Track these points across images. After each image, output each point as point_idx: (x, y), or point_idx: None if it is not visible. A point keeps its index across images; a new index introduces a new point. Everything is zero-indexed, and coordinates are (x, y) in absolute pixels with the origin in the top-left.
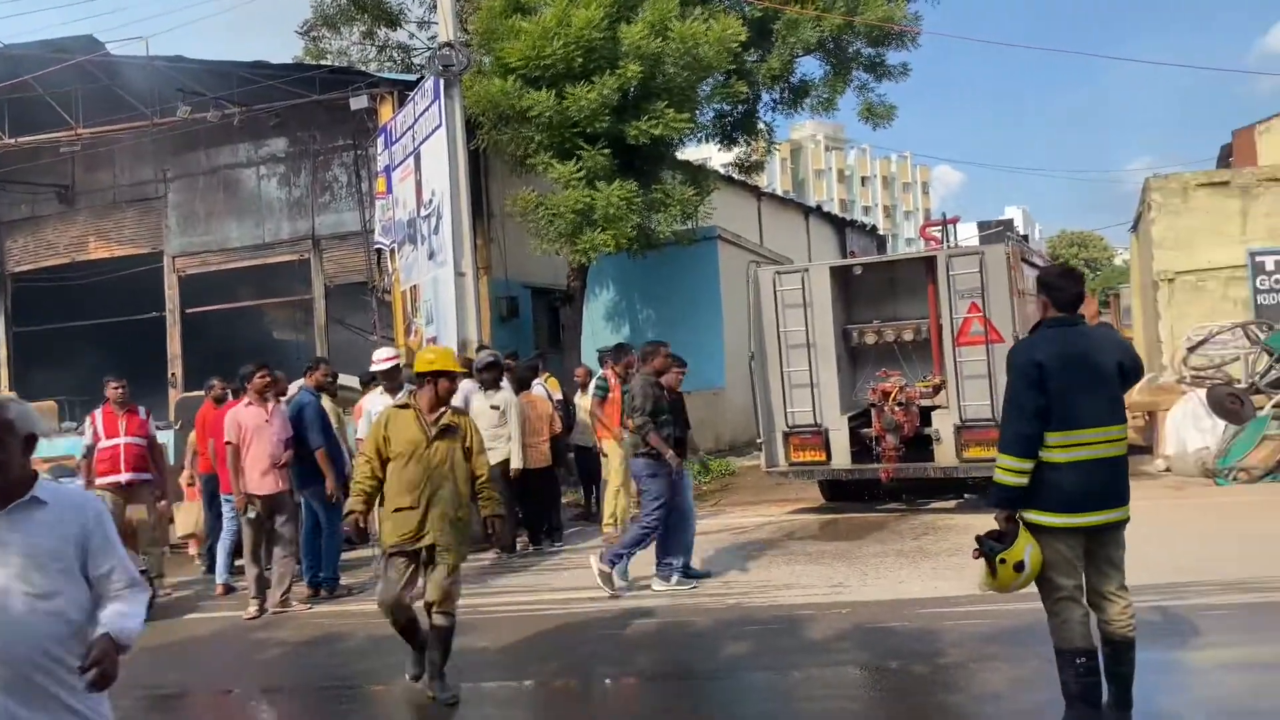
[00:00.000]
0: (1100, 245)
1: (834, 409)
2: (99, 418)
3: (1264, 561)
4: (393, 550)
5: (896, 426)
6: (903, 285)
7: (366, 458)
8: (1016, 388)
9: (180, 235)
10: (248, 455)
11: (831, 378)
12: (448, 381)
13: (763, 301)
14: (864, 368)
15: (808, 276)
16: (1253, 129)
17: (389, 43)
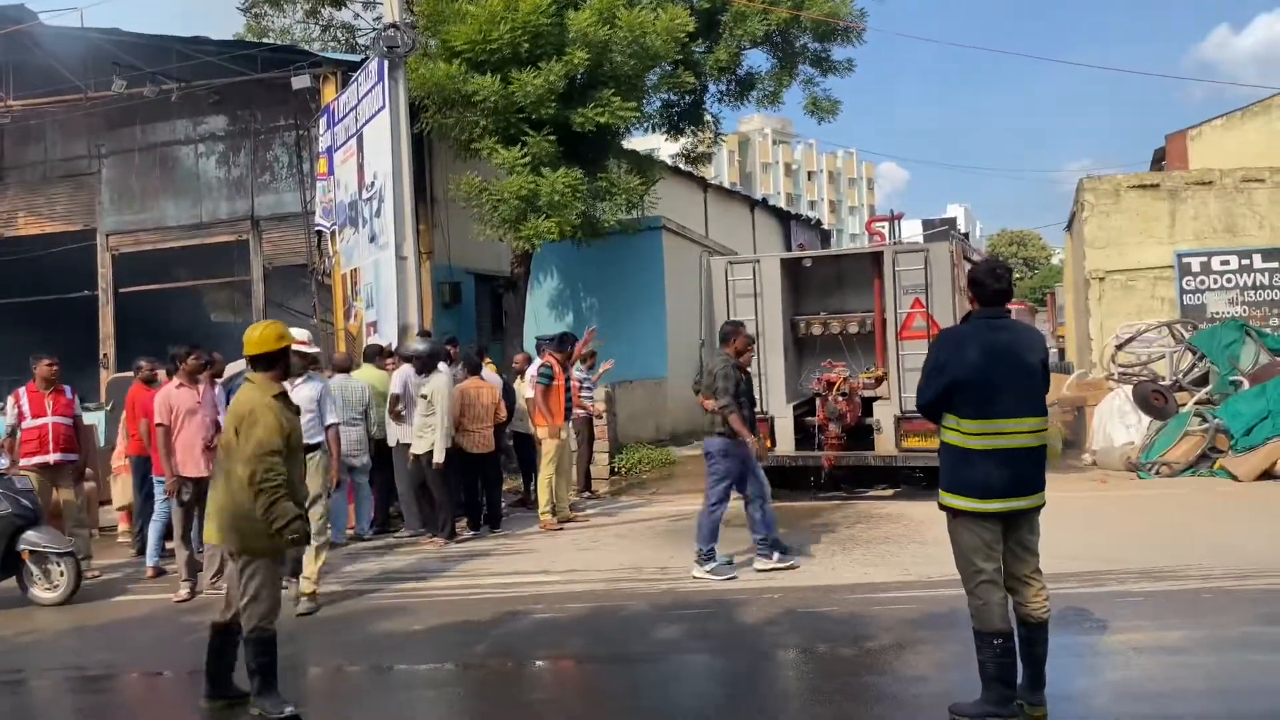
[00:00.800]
0: (1039, 244)
1: (780, 397)
2: (24, 396)
3: (1179, 551)
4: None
5: (839, 416)
6: (850, 279)
7: (280, 454)
8: (929, 368)
9: (114, 213)
10: (179, 437)
11: (778, 367)
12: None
13: (714, 290)
14: (810, 358)
15: (759, 268)
16: (1185, 134)
17: (333, 22)
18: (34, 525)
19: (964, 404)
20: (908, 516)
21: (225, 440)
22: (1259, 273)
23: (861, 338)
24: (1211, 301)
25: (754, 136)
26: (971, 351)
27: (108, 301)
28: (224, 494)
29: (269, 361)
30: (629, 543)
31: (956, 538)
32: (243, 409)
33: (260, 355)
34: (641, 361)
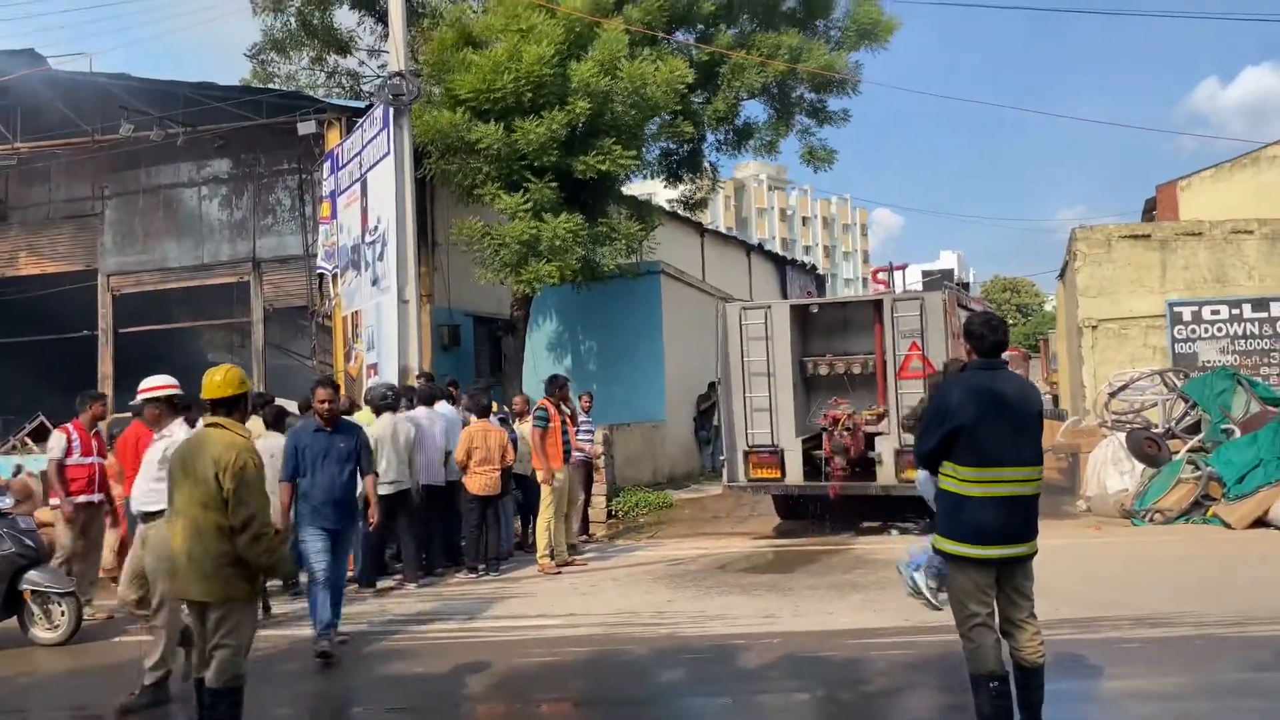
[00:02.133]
0: (1032, 291)
1: (790, 431)
2: (74, 433)
3: (1172, 598)
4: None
5: (844, 449)
6: (853, 324)
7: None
8: (930, 417)
9: (116, 254)
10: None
11: (788, 403)
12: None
13: (729, 334)
14: (817, 395)
15: (770, 313)
16: (1175, 184)
17: (338, 69)
18: (36, 565)
19: (962, 452)
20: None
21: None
22: (1249, 322)
23: (864, 377)
24: (1202, 350)
25: (749, 182)
26: (970, 401)
27: (107, 342)
28: (192, 542)
29: (232, 405)
30: (627, 587)
31: (952, 581)
32: (226, 456)
33: (225, 399)
34: (639, 404)
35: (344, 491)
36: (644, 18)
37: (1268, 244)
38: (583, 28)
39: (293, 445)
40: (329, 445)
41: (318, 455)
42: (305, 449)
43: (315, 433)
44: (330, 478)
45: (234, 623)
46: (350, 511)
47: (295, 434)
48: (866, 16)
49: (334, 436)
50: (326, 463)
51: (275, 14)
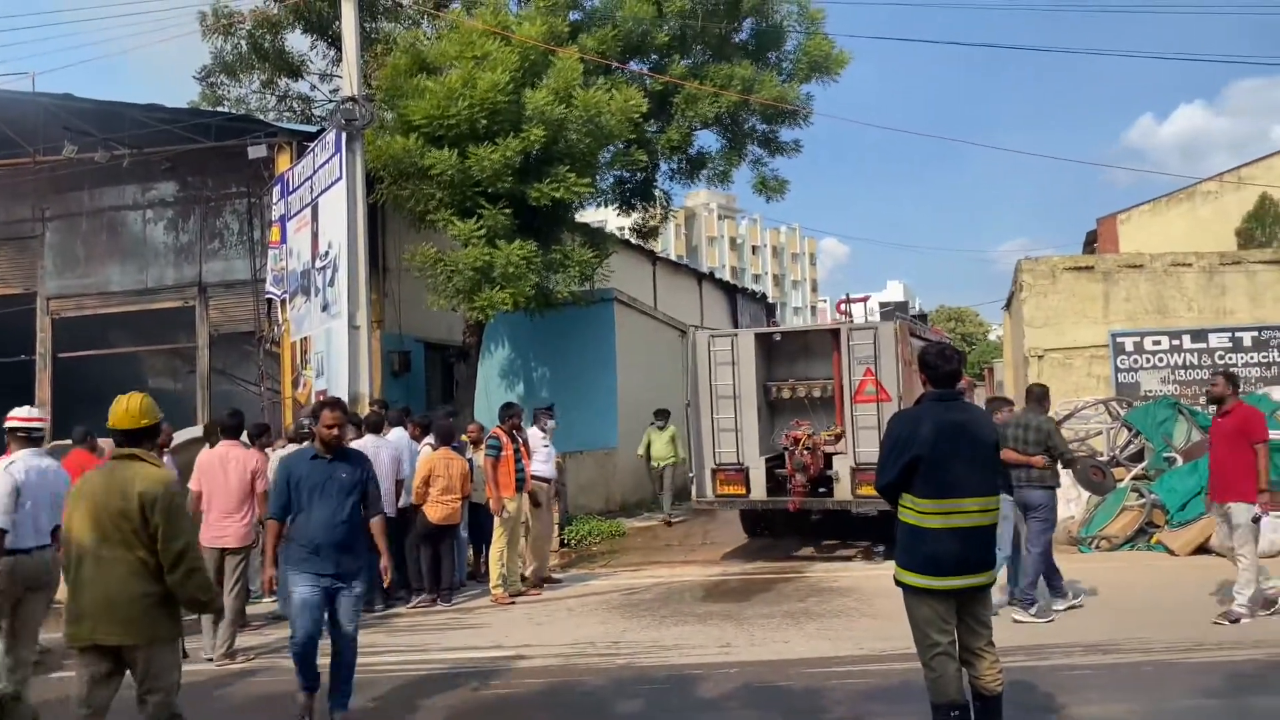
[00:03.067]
0: (976, 320)
1: (754, 450)
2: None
3: (1120, 624)
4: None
5: (804, 467)
6: (814, 351)
7: None
8: (888, 450)
9: (57, 277)
10: None
11: (753, 424)
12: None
13: (698, 360)
14: (780, 417)
15: (736, 340)
16: (1115, 218)
17: (289, 93)
18: None
19: (920, 483)
20: (860, 589)
21: (117, 523)
22: (1188, 353)
23: (823, 400)
24: (1145, 380)
25: (700, 211)
26: (926, 431)
27: (45, 366)
28: (114, 583)
29: (145, 436)
30: (582, 617)
31: (912, 612)
32: (153, 490)
33: (138, 430)
34: (592, 432)
35: (347, 532)
36: (599, 47)
37: (1205, 277)
38: (537, 56)
39: (284, 475)
40: (329, 476)
41: (315, 487)
42: (300, 480)
43: (313, 460)
44: (330, 514)
45: (161, 665)
46: (355, 557)
47: (289, 463)
48: (817, 50)
49: (335, 466)
50: (325, 496)
51: (225, 37)
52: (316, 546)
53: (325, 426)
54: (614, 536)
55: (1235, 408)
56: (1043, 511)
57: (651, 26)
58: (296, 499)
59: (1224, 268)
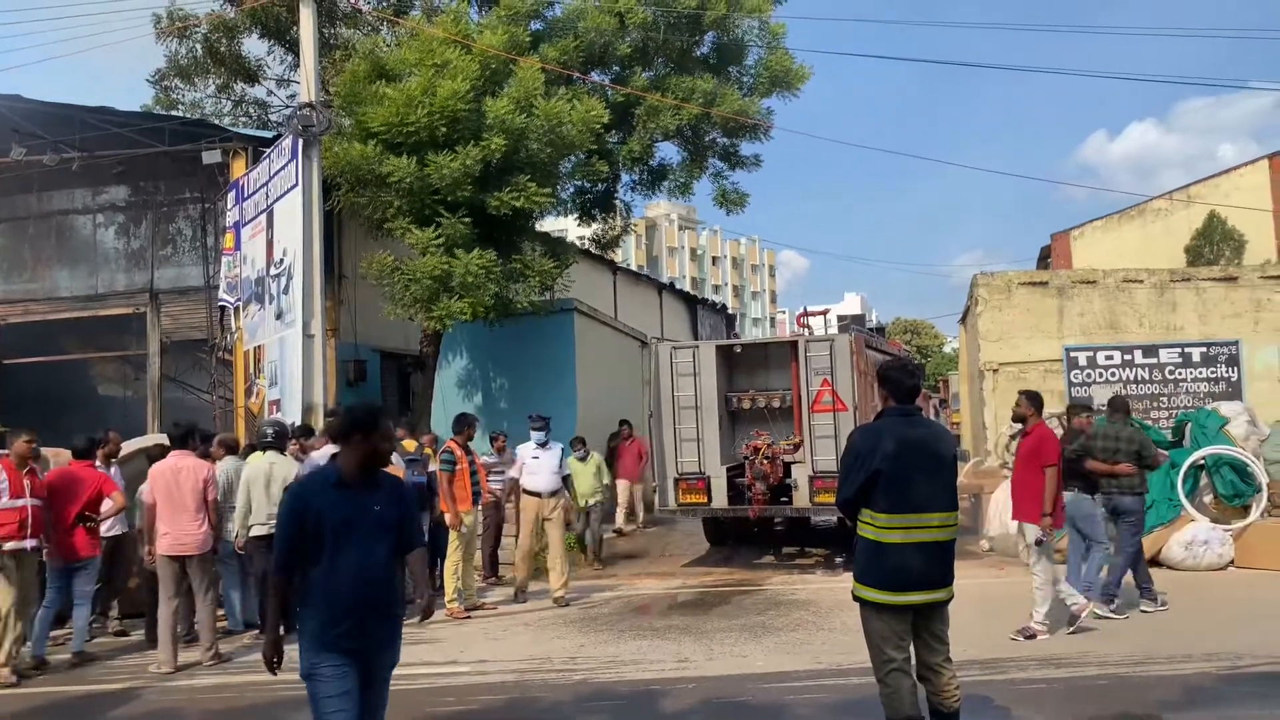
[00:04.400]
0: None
1: (715, 460)
2: (2, 472)
3: (1075, 638)
4: None
5: (764, 475)
6: (773, 362)
7: None
8: (849, 466)
9: (3, 282)
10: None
11: (714, 434)
12: None
13: (660, 371)
14: (740, 427)
15: (698, 352)
16: (1069, 234)
17: (245, 98)
18: None
19: (879, 498)
20: (818, 602)
21: None
22: (1140, 368)
23: (782, 411)
24: (1098, 394)
25: (661, 221)
26: (887, 446)
27: None
28: None
29: None
30: (538, 631)
31: (868, 627)
32: None
33: None
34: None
35: (386, 589)
36: (560, 57)
37: (1156, 293)
38: (498, 65)
39: (295, 510)
40: (359, 511)
41: (341, 527)
42: (320, 517)
43: (336, 488)
44: (362, 564)
45: None
46: (393, 622)
47: (301, 493)
48: (778, 65)
49: (368, 497)
50: (355, 539)
51: (180, 40)
52: (343, 610)
53: (380, 440)
54: (571, 548)
55: (1034, 429)
56: (1135, 516)
57: (613, 38)
58: (314, 544)
59: (1174, 284)
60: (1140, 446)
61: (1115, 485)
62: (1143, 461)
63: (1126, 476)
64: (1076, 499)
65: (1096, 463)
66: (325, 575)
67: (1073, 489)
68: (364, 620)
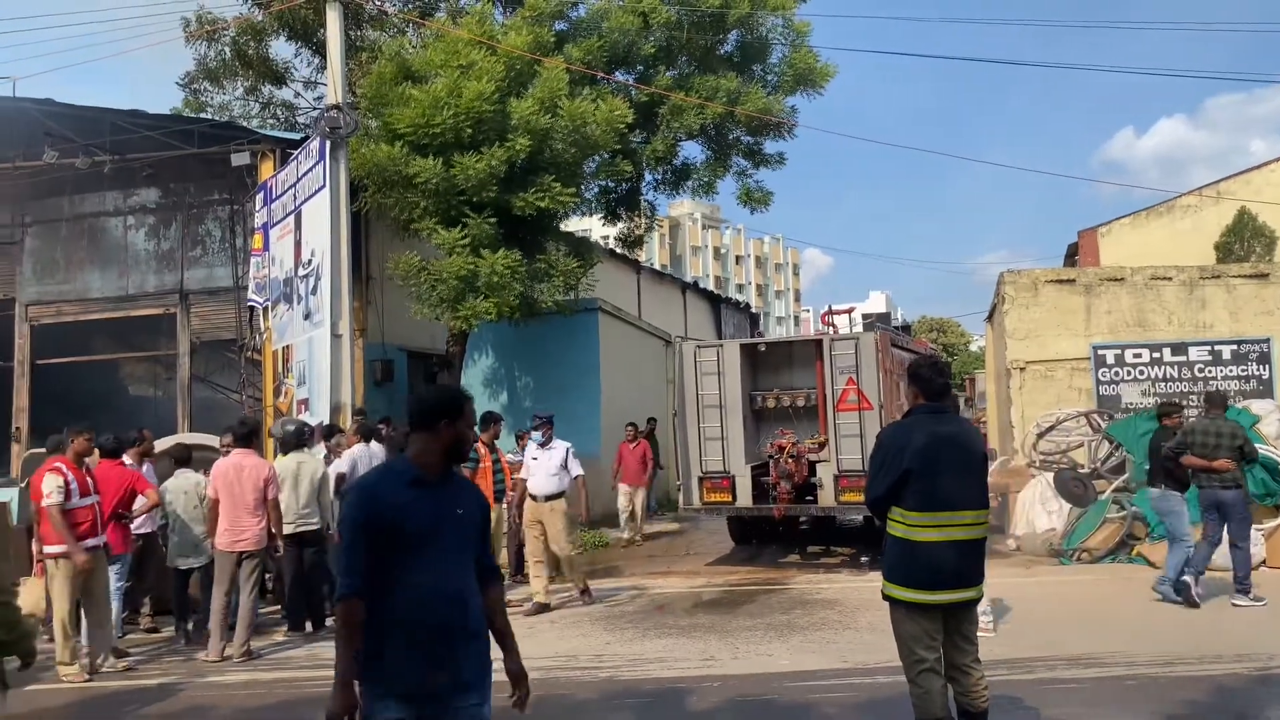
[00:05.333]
0: (958, 331)
1: (740, 459)
2: (68, 472)
3: (1103, 638)
4: None
5: (789, 474)
6: (797, 361)
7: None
8: (879, 464)
9: (36, 283)
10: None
11: (738, 433)
12: None
13: (685, 370)
14: (765, 426)
15: (722, 351)
16: (1096, 231)
17: (273, 100)
18: None
19: (910, 496)
20: (844, 602)
21: None
22: (1168, 365)
23: (807, 409)
24: (1125, 392)
25: (684, 220)
26: (918, 443)
27: (23, 374)
28: None
29: None
30: (564, 629)
31: (899, 627)
32: None
33: None
34: (575, 442)
35: (474, 609)
36: (584, 57)
37: (1185, 290)
38: (523, 65)
39: (368, 514)
40: (441, 510)
41: (424, 532)
42: (402, 520)
43: (413, 486)
44: (447, 577)
45: None
46: (483, 652)
47: (372, 490)
48: (803, 63)
49: (449, 494)
50: (439, 547)
51: (209, 44)
52: (426, 635)
53: (466, 427)
54: (597, 547)
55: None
56: (1241, 509)
57: (637, 37)
58: (390, 555)
59: (1204, 281)
60: (1245, 441)
61: (1216, 480)
62: (1244, 455)
63: (1229, 472)
64: (1164, 495)
65: (1194, 459)
66: (400, 592)
67: (1159, 486)
68: (449, 653)
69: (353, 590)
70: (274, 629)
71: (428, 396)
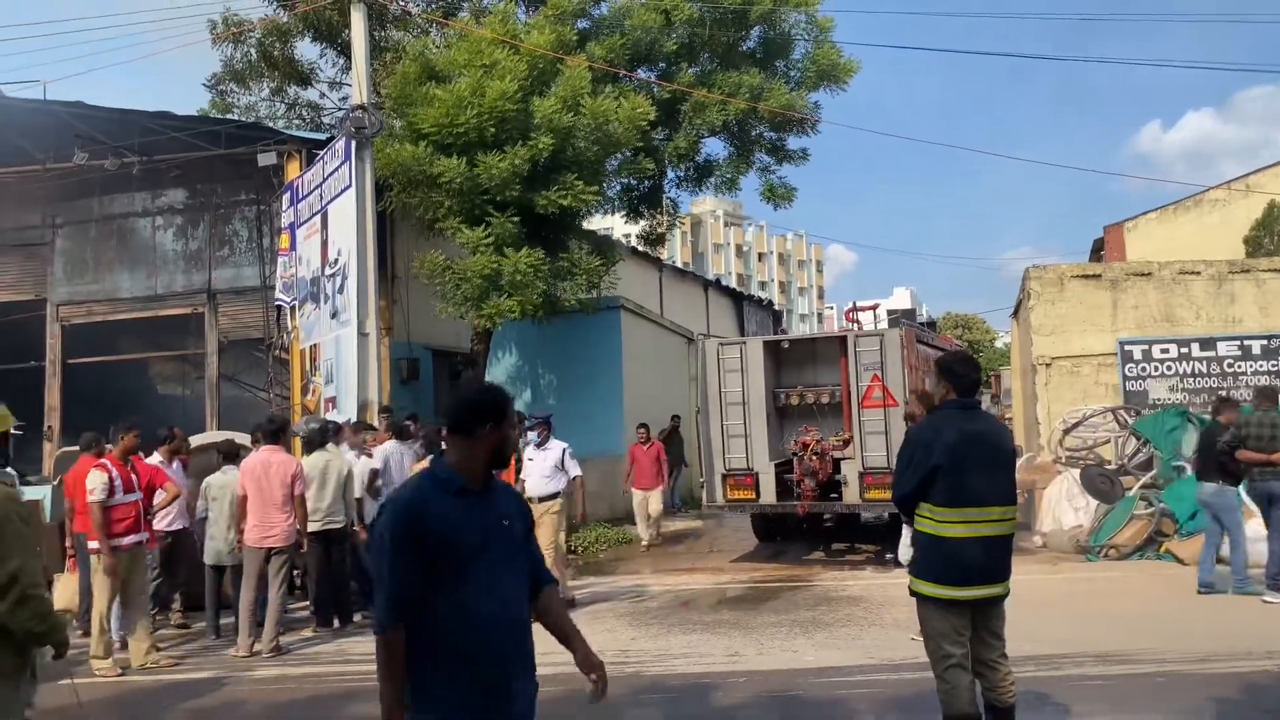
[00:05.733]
0: (983, 328)
1: (763, 456)
2: (113, 469)
3: (1132, 635)
4: None
5: (813, 472)
6: (821, 357)
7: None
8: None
9: (66, 283)
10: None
11: (762, 430)
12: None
13: (708, 367)
14: (789, 423)
15: (745, 348)
16: (1122, 226)
17: (299, 101)
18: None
19: (939, 492)
20: (868, 598)
21: None
22: (1197, 361)
23: (831, 406)
24: (1153, 388)
25: (706, 218)
26: (947, 439)
27: (55, 373)
28: None
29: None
30: (589, 625)
31: (926, 623)
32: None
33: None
34: (598, 439)
35: (530, 638)
36: (607, 55)
37: (1214, 285)
38: (546, 64)
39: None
40: (490, 526)
41: (475, 549)
42: (446, 538)
43: (458, 497)
44: (503, 600)
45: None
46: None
47: (414, 502)
48: (826, 58)
49: (495, 507)
50: (489, 566)
51: (235, 45)
52: (483, 664)
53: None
54: (620, 544)
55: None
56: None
57: (659, 35)
58: (437, 574)
59: (1232, 276)
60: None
61: (1270, 472)
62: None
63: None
64: (1220, 490)
65: (1249, 452)
66: (449, 620)
67: (1215, 481)
68: (506, 684)
69: (396, 618)
70: (302, 625)
71: (469, 397)
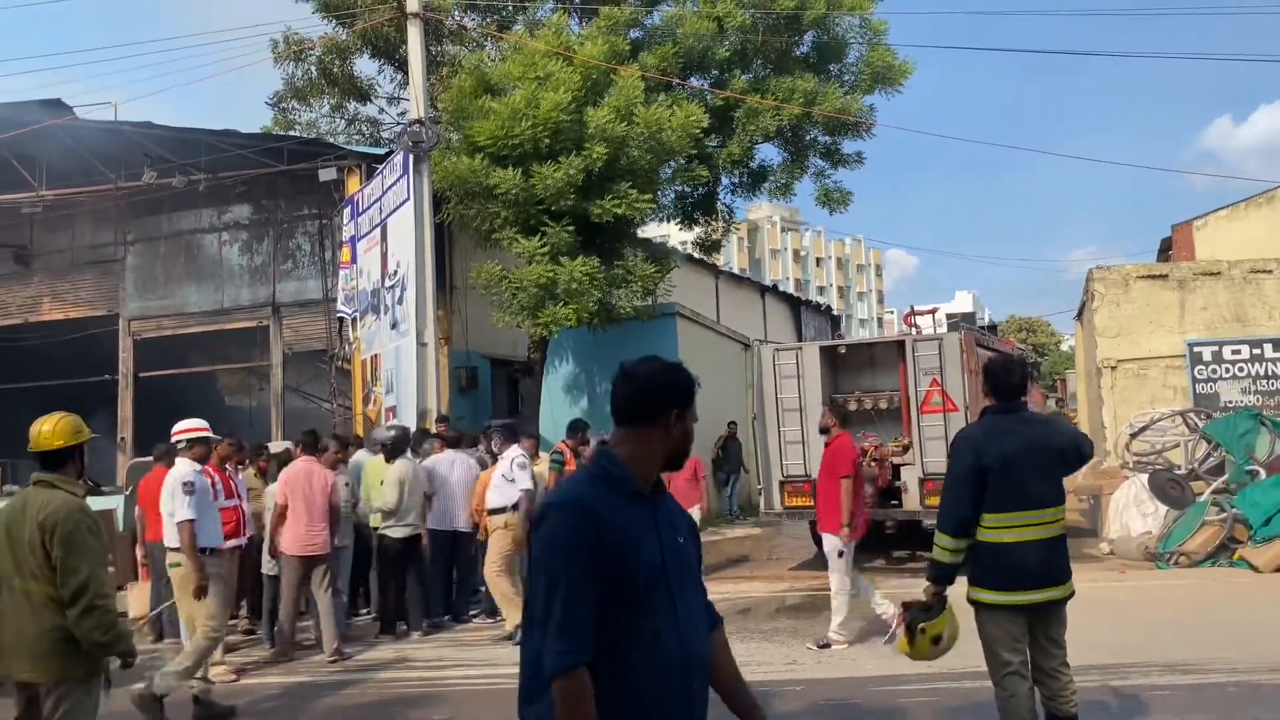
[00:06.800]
0: (1048, 331)
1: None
2: (214, 476)
3: (1202, 643)
4: None
5: (873, 479)
6: (879, 362)
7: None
8: (956, 476)
9: (138, 298)
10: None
11: (819, 437)
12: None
13: (763, 373)
14: (847, 429)
15: (801, 354)
16: (1191, 224)
17: (358, 116)
18: None
19: (991, 498)
20: None
21: (24, 554)
22: (1270, 362)
23: (890, 412)
24: (1224, 390)
25: (763, 224)
26: (995, 446)
27: (127, 386)
28: (25, 617)
29: (62, 459)
30: None
31: (984, 631)
32: (53, 519)
33: (55, 452)
34: None
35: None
36: (659, 64)
37: None
38: (599, 75)
39: (586, 540)
40: (664, 538)
41: (656, 569)
42: (627, 551)
43: (631, 503)
44: (687, 636)
45: (71, 705)
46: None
47: (584, 506)
48: (880, 61)
49: (664, 515)
50: (668, 589)
51: (296, 63)
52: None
53: (693, 420)
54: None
55: (833, 440)
56: None
57: (712, 42)
58: (613, 600)
59: None
60: None
61: None
62: None
63: None
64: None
65: None
66: (635, 658)
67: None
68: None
69: (583, 657)
70: (366, 632)
71: (654, 376)
